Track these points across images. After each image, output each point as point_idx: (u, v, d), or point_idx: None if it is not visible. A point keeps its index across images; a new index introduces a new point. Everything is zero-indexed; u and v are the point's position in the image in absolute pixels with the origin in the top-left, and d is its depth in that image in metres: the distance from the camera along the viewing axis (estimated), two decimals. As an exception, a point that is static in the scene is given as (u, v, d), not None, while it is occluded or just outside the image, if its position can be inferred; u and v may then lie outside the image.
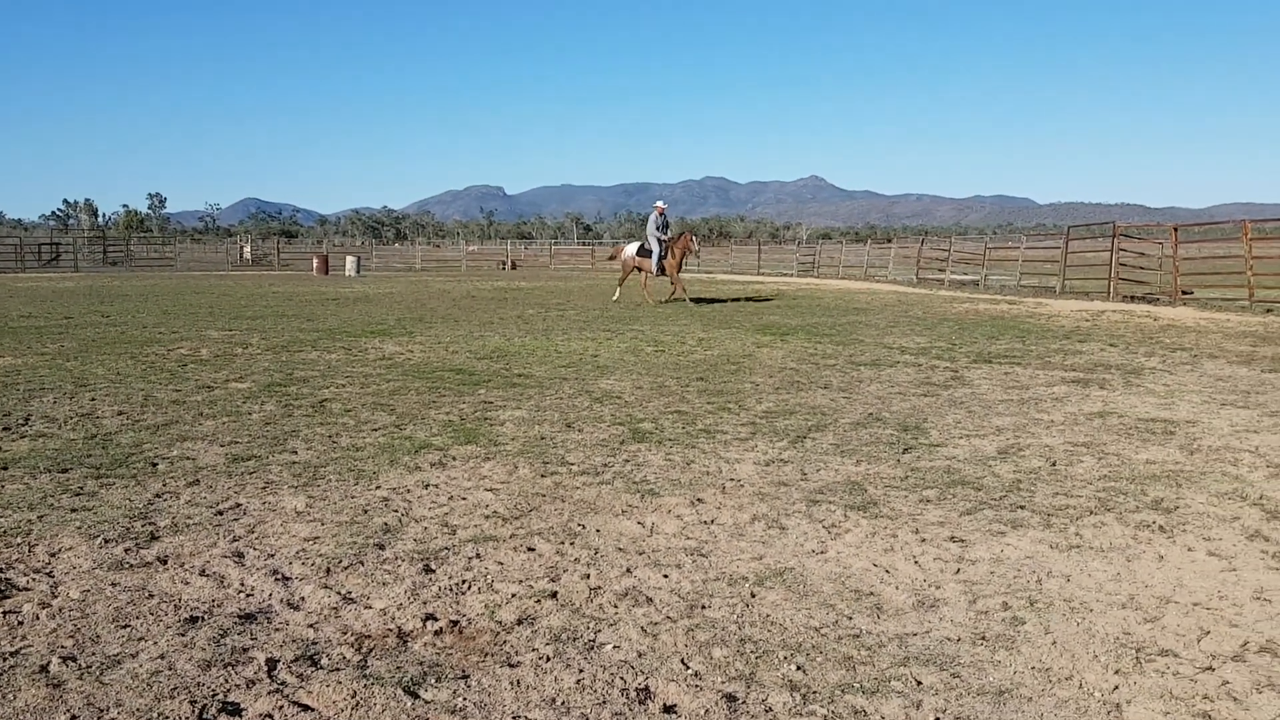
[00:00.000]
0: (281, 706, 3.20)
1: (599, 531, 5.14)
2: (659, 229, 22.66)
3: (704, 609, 4.09)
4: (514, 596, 4.21)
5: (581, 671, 3.48)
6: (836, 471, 6.42)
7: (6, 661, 3.51)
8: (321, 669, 3.48)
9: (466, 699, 3.27)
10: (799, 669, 3.50)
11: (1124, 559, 4.74)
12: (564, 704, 3.25)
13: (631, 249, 23.55)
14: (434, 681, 3.38)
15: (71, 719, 3.11)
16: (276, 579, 4.40)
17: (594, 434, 7.56)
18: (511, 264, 58.33)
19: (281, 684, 3.37)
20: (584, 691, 3.33)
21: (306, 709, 3.20)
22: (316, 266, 46.99)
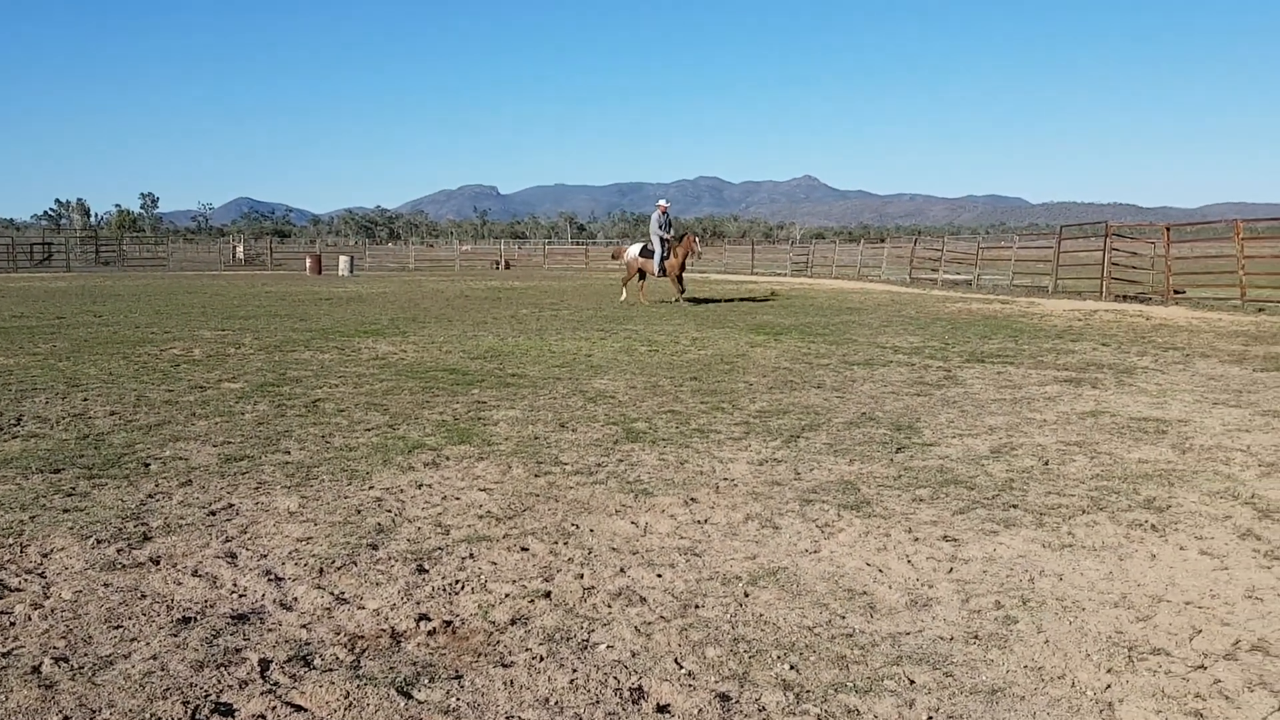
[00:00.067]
0: (274, 707, 3.20)
1: (593, 531, 5.14)
2: (661, 228, 22.50)
3: (697, 608, 4.09)
4: (507, 596, 4.21)
5: (575, 671, 3.48)
6: (830, 471, 6.43)
7: (-2, 662, 3.50)
8: (314, 669, 3.48)
9: (460, 699, 3.27)
10: (792, 668, 3.51)
11: (1116, 558, 4.76)
12: (557, 704, 3.24)
13: (634, 250, 23.46)
14: (427, 682, 3.38)
15: (63, 720, 3.11)
16: (269, 579, 4.39)
17: (588, 434, 7.56)
18: (505, 264, 58.33)
19: (274, 684, 3.36)
20: (577, 691, 3.33)
21: (299, 709, 3.19)
22: (309, 266, 46.94)
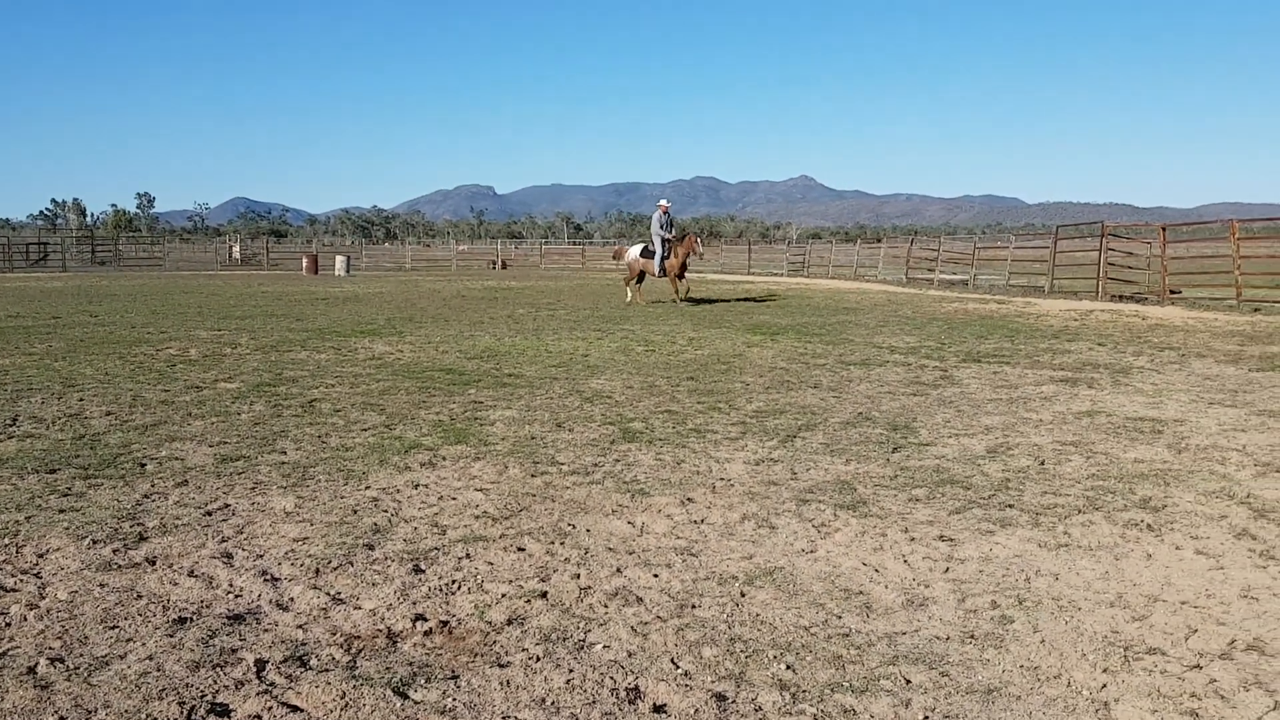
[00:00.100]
0: (270, 707, 3.20)
1: (589, 531, 5.14)
2: (663, 228, 22.42)
3: (694, 608, 4.09)
4: (504, 596, 4.20)
5: (571, 671, 3.48)
6: (826, 471, 6.43)
7: (-7, 663, 3.50)
8: (310, 670, 3.48)
9: (456, 699, 3.27)
10: (788, 668, 3.51)
11: (1112, 558, 4.76)
12: (554, 704, 3.24)
13: (635, 250, 23.44)
14: (423, 682, 3.38)
15: (59, 721, 3.11)
16: (265, 580, 4.39)
17: (584, 434, 7.56)
18: (502, 263, 58.30)
19: (270, 685, 3.36)
20: (574, 691, 3.33)
21: (295, 710, 3.19)
22: (306, 266, 46.90)
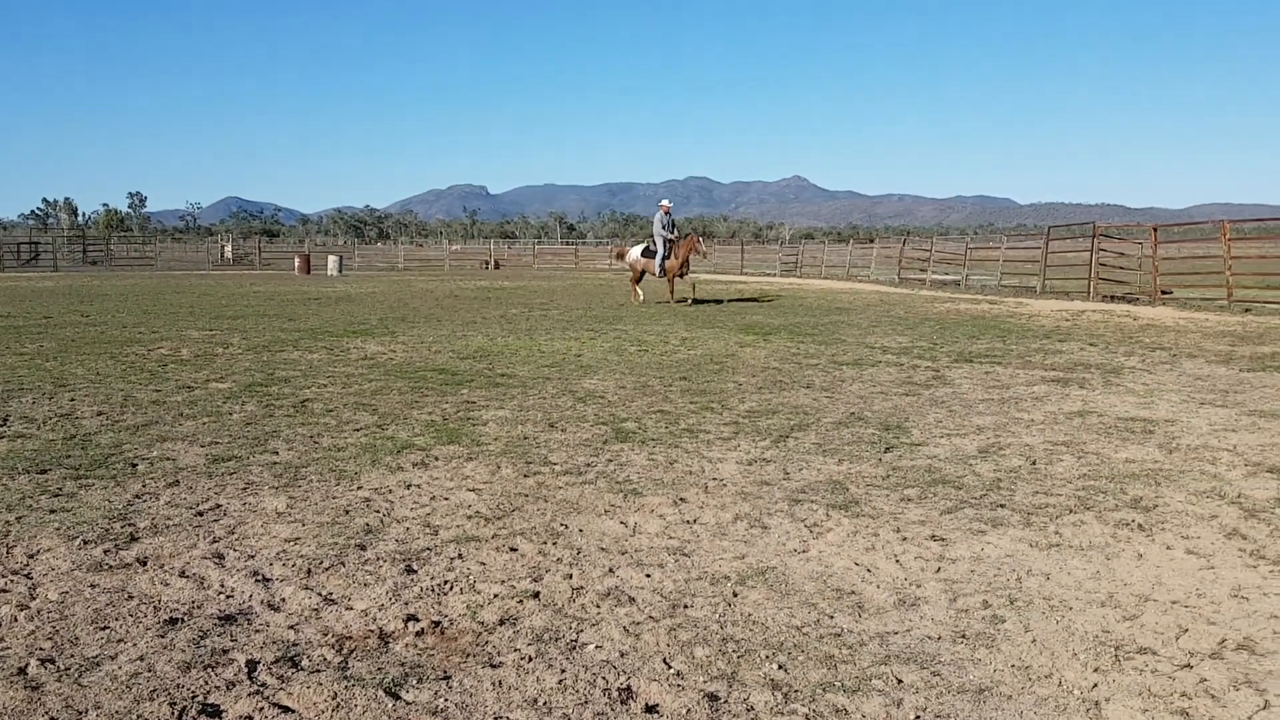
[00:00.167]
0: (262, 708, 3.19)
1: (582, 531, 5.14)
2: (665, 228, 22.39)
3: (686, 608, 4.09)
4: (496, 597, 4.20)
5: (564, 671, 3.48)
6: (818, 471, 6.44)
7: (-17, 664, 3.48)
8: (302, 670, 3.47)
9: (448, 700, 3.26)
10: (781, 668, 3.51)
11: (1103, 557, 4.78)
12: (546, 704, 3.24)
13: (636, 250, 23.46)
14: (415, 682, 3.38)
15: (49, 722, 3.10)
16: (257, 580, 4.38)
17: (577, 434, 7.56)
18: (495, 263, 58.24)
19: (262, 685, 3.35)
20: (566, 691, 3.33)
21: (287, 710, 3.19)
22: (298, 266, 46.80)
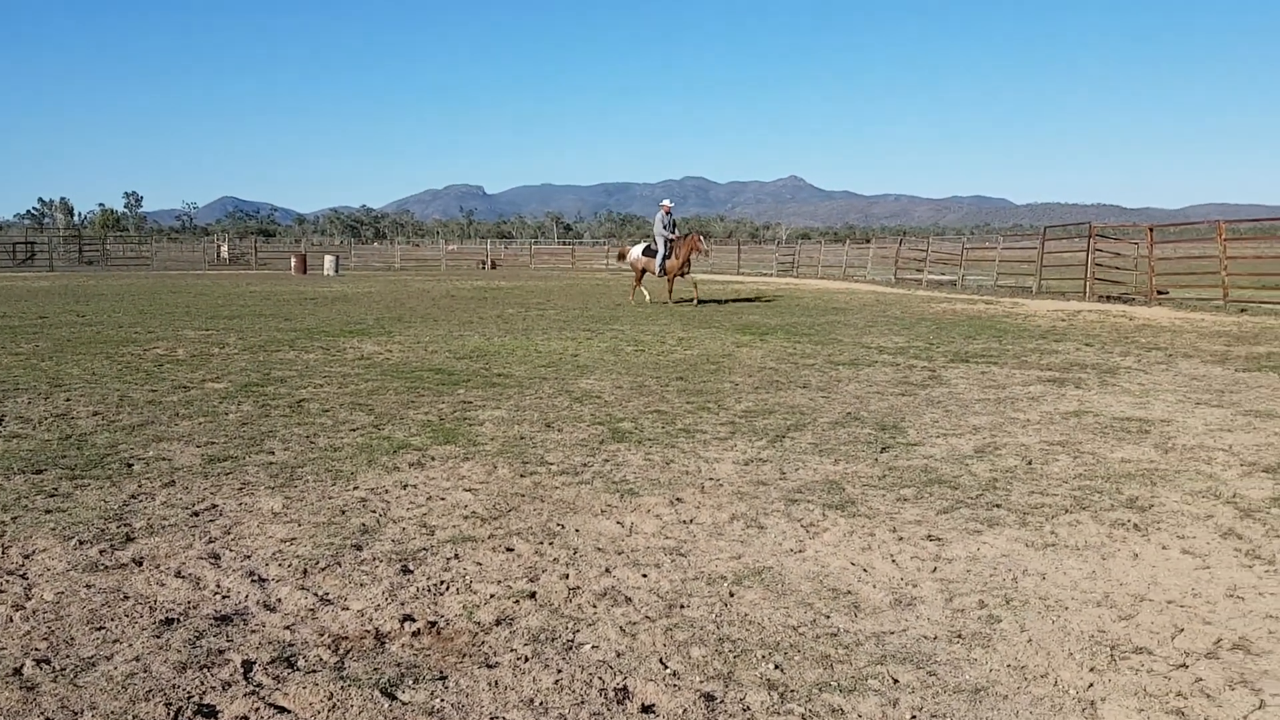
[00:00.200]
0: (258, 709, 3.19)
1: (578, 531, 5.14)
2: (666, 228, 22.32)
3: (682, 608, 4.09)
4: (492, 597, 4.20)
5: (560, 672, 3.47)
6: (815, 471, 6.44)
7: (-21, 665, 3.48)
8: (298, 671, 3.47)
9: (444, 700, 3.26)
10: (777, 668, 3.51)
11: (1099, 557, 4.78)
12: (542, 704, 3.24)
13: (638, 249, 23.40)
14: (411, 683, 3.37)
15: (45, 722, 3.09)
16: (253, 580, 4.37)
17: (573, 434, 7.56)
18: (491, 263, 58.20)
19: (258, 686, 3.35)
20: (562, 692, 3.33)
21: (283, 711, 3.18)
22: (294, 266, 46.75)
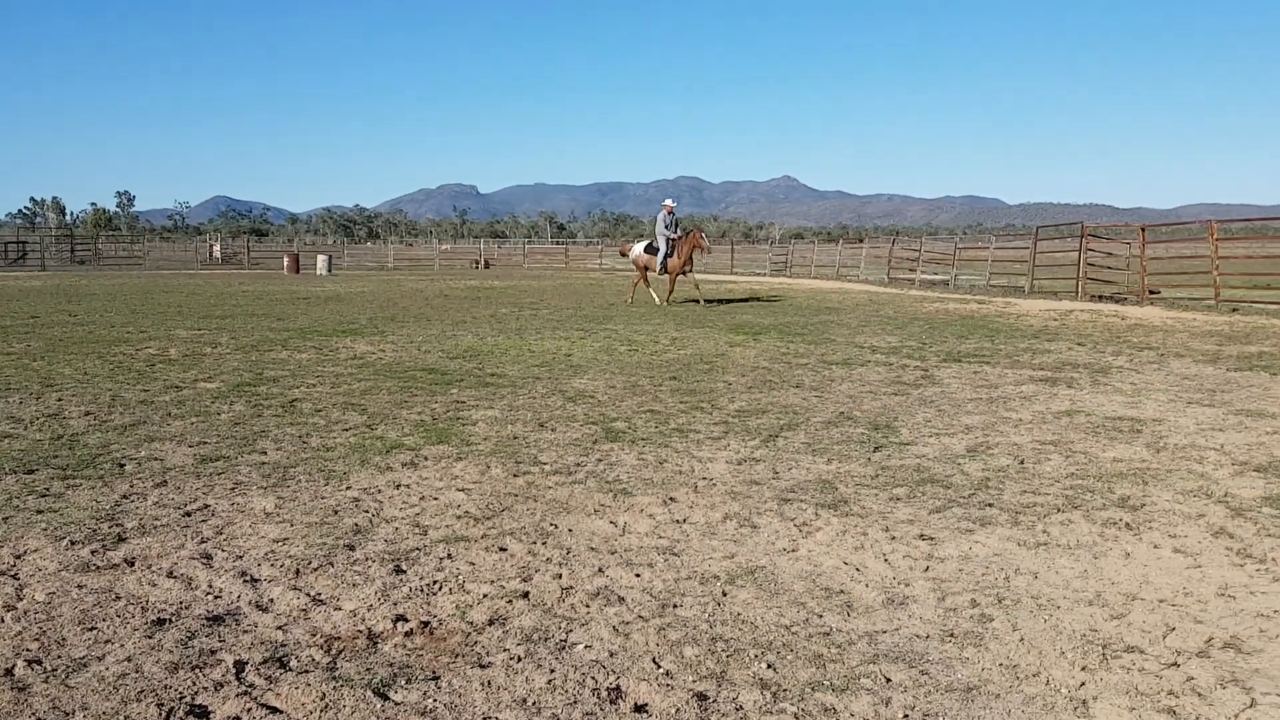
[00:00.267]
0: (250, 709, 3.18)
1: (571, 531, 5.14)
2: (667, 227, 22.26)
3: (675, 608, 4.09)
4: (485, 597, 4.20)
5: (553, 671, 3.47)
6: (808, 470, 6.45)
7: (-31, 665, 3.46)
8: (290, 671, 3.46)
9: (437, 700, 3.26)
10: (770, 667, 3.52)
11: (1091, 556, 4.79)
12: (535, 704, 3.24)
13: (639, 247, 23.33)
14: (404, 683, 3.37)
15: (36, 723, 3.08)
16: (245, 580, 4.36)
17: (567, 433, 7.56)
18: (485, 263, 58.17)
19: (250, 686, 3.34)
20: (555, 691, 3.32)
21: (275, 711, 3.18)
22: (287, 265, 46.66)
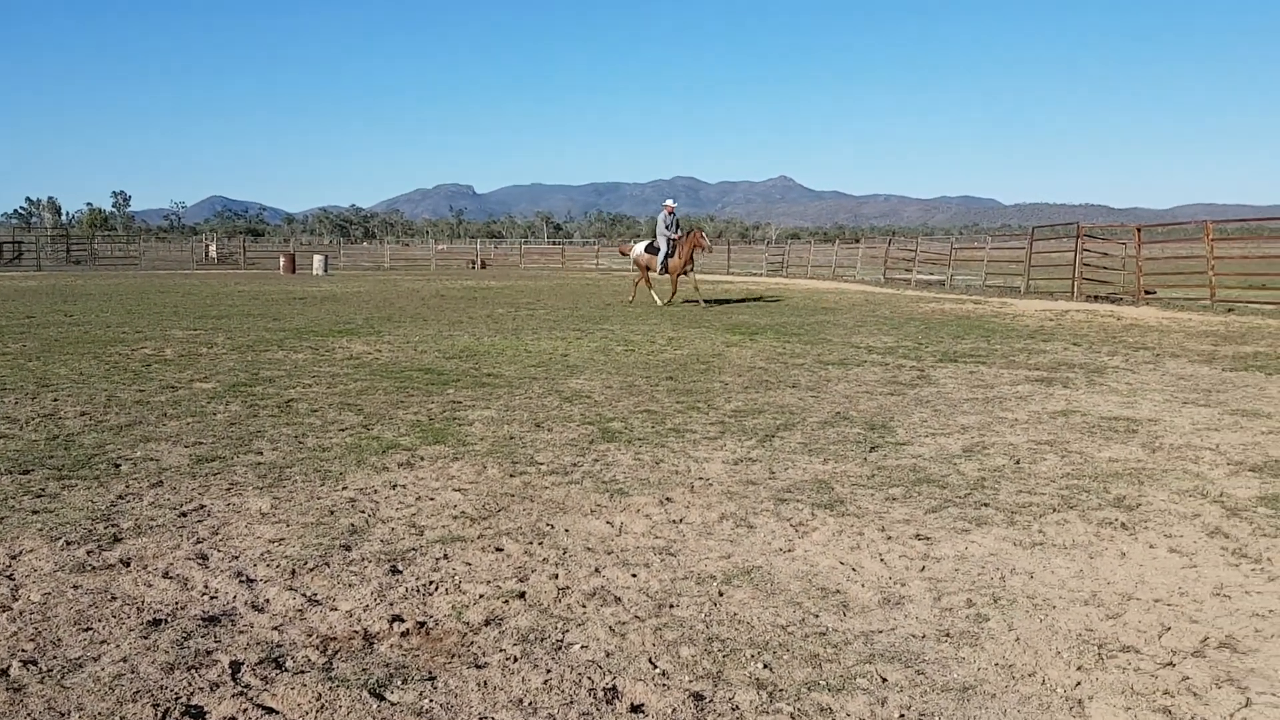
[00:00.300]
0: (245, 709, 3.18)
1: (568, 531, 5.14)
2: (668, 228, 22.20)
3: (672, 608, 4.09)
4: (482, 597, 4.19)
5: (549, 672, 3.47)
6: (804, 470, 6.45)
7: (-36, 666, 3.46)
8: (286, 671, 3.46)
9: (433, 700, 3.26)
10: (766, 667, 3.52)
11: (1086, 556, 4.80)
12: (531, 704, 3.24)
13: (639, 247, 23.26)
14: (400, 683, 3.37)
15: (31, 724, 3.08)
16: (241, 581, 4.36)
17: (563, 433, 7.55)
18: (481, 263, 58.13)
19: (245, 687, 3.34)
20: (551, 692, 3.32)
21: (271, 712, 3.17)
22: (283, 265, 46.61)
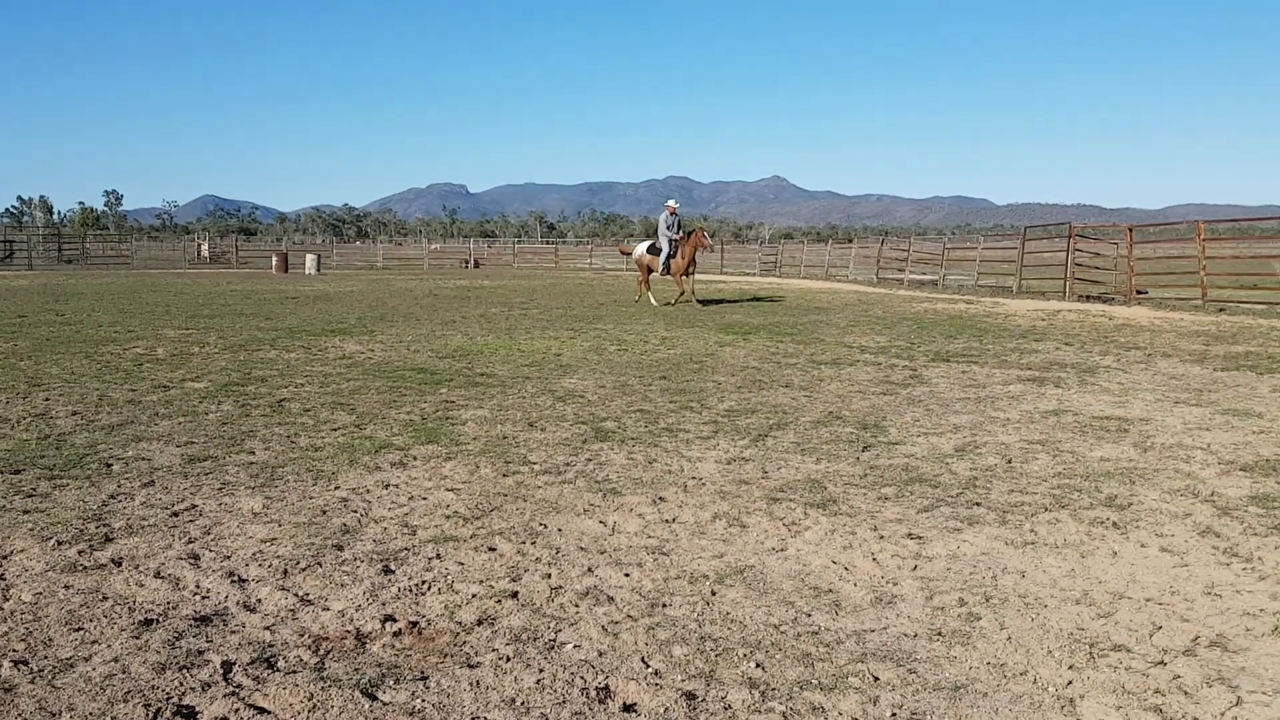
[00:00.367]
0: (237, 709, 3.17)
1: (560, 531, 5.14)
2: (669, 228, 22.13)
3: (665, 607, 4.10)
4: (474, 597, 4.19)
5: (542, 671, 3.47)
6: (797, 469, 6.46)
7: (-46, 667, 3.45)
8: (278, 671, 3.45)
9: (425, 700, 3.25)
10: (758, 666, 3.52)
11: (1078, 555, 4.81)
12: (524, 704, 3.24)
13: (642, 247, 23.20)
14: (392, 683, 3.37)
15: (22, 724, 3.07)
16: (233, 581, 4.35)
17: (556, 433, 7.55)
18: (474, 262, 58.09)
19: (237, 687, 3.33)
20: (544, 691, 3.32)
21: (263, 712, 3.17)
22: (276, 264, 46.53)
